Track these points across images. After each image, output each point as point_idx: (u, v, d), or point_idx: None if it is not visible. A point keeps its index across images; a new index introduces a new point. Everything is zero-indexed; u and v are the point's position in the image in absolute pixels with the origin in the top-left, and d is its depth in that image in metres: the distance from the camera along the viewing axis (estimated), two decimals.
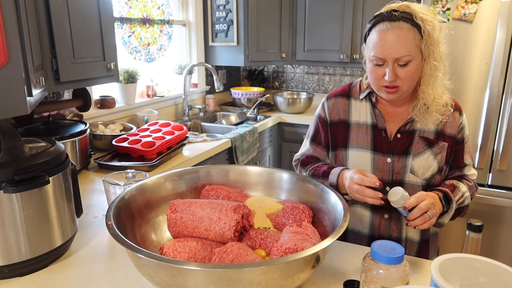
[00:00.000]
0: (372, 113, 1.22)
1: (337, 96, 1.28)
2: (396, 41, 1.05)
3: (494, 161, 2.13)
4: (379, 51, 1.07)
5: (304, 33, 3.08)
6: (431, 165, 1.18)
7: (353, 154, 1.23)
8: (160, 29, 2.76)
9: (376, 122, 1.21)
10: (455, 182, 1.18)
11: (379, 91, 1.15)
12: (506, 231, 2.17)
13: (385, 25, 1.07)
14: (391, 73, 1.08)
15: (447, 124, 1.19)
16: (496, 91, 2.03)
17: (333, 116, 1.27)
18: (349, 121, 1.25)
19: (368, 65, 1.14)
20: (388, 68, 1.08)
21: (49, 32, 1.41)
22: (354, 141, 1.23)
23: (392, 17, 1.06)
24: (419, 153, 1.18)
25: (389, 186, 1.19)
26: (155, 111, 2.51)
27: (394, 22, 1.06)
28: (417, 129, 1.19)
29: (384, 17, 1.07)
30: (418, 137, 1.18)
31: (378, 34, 1.08)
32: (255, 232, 0.97)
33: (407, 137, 1.19)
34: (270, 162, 3.04)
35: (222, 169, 1.17)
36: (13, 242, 0.93)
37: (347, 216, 0.87)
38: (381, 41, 1.07)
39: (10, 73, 0.90)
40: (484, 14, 2.01)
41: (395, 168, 1.19)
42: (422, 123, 1.18)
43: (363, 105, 1.24)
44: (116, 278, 0.96)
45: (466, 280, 0.72)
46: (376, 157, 1.20)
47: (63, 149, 1.05)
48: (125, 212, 0.93)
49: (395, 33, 1.05)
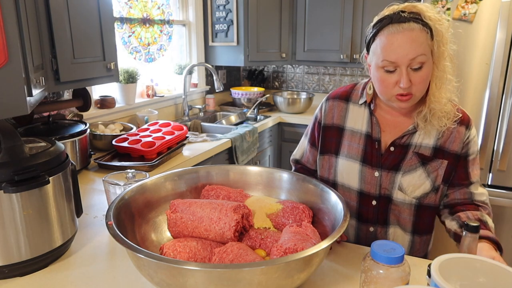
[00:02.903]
0: (368, 121, 1.16)
1: (336, 99, 1.23)
2: (409, 43, 0.98)
3: (494, 161, 2.13)
4: (391, 55, 0.99)
5: (304, 33, 3.08)
6: (422, 183, 1.11)
7: (343, 163, 1.18)
8: (160, 29, 2.76)
9: (371, 131, 1.15)
10: (480, 215, 1.07)
11: (390, 100, 1.06)
12: (506, 231, 2.17)
13: (394, 27, 0.99)
14: (406, 78, 0.99)
15: (449, 139, 1.10)
16: (496, 91, 2.03)
17: (328, 120, 1.22)
18: (344, 127, 1.19)
19: (376, 73, 1.05)
20: (402, 73, 1.00)
21: (49, 32, 1.41)
22: (345, 149, 1.18)
23: (401, 18, 0.99)
24: (410, 170, 1.10)
25: (376, 200, 1.15)
26: (155, 111, 2.51)
27: (404, 24, 0.98)
28: (413, 144, 1.11)
29: (392, 19, 1.00)
30: (412, 153, 1.10)
31: (387, 37, 1.00)
32: (255, 232, 0.97)
33: (400, 151, 1.12)
34: (270, 162, 3.04)
35: (222, 169, 1.17)
36: (13, 242, 0.93)
37: (347, 216, 0.87)
38: (392, 44, 0.99)
39: (10, 73, 0.90)
40: (484, 14, 2.01)
41: (383, 183, 1.14)
42: (426, 131, 1.10)
43: (361, 111, 1.18)
44: (116, 278, 0.96)
45: (466, 280, 0.72)
46: (363, 169, 1.15)
47: (63, 149, 1.05)
48: (125, 212, 0.93)
49: (406, 35, 0.98)
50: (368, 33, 1.08)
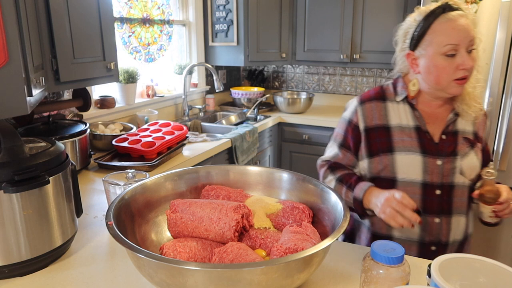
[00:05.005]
0: (412, 116, 1.21)
1: (372, 100, 1.24)
2: (467, 26, 1.09)
3: (494, 161, 2.13)
4: (454, 37, 1.08)
5: (304, 33, 3.08)
6: (476, 165, 1.19)
7: (401, 158, 1.18)
8: (160, 29, 2.76)
9: (419, 124, 1.20)
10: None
11: (447, 87, 1.13)
12: (506, 231, 2.17)
13: (452, 14, 1.09)
14: (467, 58, 1.08)
15: (478, 125, 1.23)
16: (496, 91, 2.03)
17: (369, 122, 1.22)
18: (389, 125, 1.21)
19: (435, 62, 1.11)
20: (463, 54, 1.08)
21: (49, 32, 1.41)
22: (400, 144, 1.19)
23: (452, 7, 1.10)
24: (465, 153, 1.18)
25: (439, 189, 1.18)
26: (155, 111, 2.51)
27: (456, 12, 1.10)
28: (459, 130, 1.20)
29: (445, 9, 1.10)
30: (461, 138, 1.19)
31: (448, 23, 1.09)
32: (255, 232, 0.97)
33: (452, 138, 1.19)
34: (270, 162, 3.04)
35: (222, 169, 1.17)
36: (13, 242, 0.93)
37: (347, 216, 0.87)
38: (454, 28, 1.08)
39: (10, 73, 0.90)
40: (484, 14, 2.01)
41: (445, 170, 1.17)
42: (463, 116, 1.19)
43: (401, 108, 1.22)
44: (116, 278, 0.96)
45: (466, 280, 0.72)
46: (426, 160, 1.17)
47: (63, 149, 1.05)
48: (125, 212, 0.93)
49: (464, 19, 1.09)
50: (417, 27, 1.14)
